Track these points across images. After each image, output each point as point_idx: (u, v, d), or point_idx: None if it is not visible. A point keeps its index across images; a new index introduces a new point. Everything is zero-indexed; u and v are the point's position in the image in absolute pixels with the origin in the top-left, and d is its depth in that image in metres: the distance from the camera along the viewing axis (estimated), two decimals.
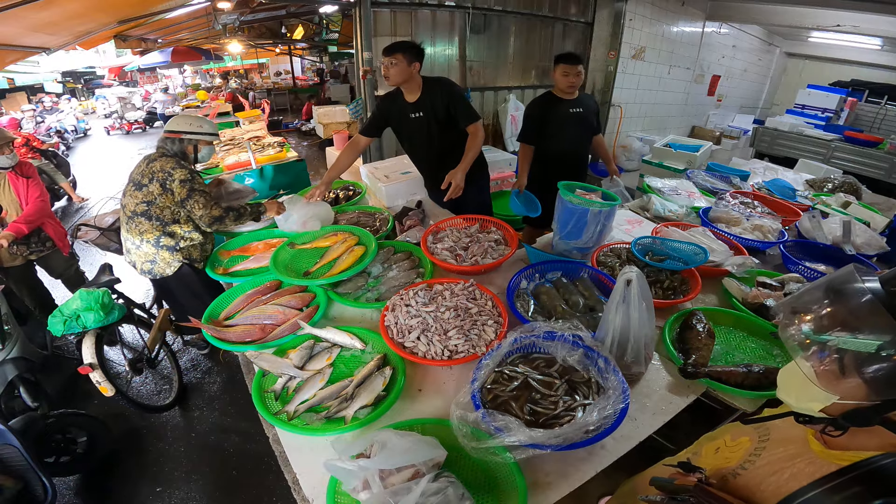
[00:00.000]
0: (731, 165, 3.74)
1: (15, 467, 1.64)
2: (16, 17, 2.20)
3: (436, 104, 2.30)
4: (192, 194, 1.99)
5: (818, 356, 0.59)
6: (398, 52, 2.16)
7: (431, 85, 2.32)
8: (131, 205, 2.05)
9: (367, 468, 0.91)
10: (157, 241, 2.09)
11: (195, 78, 14.99)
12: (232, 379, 2.72)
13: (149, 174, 2.01)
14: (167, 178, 1.99)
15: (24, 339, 2.24)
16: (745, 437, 0.78)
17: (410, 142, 2.52)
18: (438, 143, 2.40)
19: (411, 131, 2.43)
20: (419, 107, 2.33)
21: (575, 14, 5.54)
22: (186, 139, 2.12)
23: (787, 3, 5.47)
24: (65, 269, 2.84)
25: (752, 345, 1.51)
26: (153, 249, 2.11)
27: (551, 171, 2.60)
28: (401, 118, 2.39)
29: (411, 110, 2.34)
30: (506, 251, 1.89)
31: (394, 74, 2.21)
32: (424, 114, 2.33)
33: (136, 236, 2.09)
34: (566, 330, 1.23)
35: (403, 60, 2.17)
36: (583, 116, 2.68)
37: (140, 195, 2.02)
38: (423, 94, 2.31)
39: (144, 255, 2.12)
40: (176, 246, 2.11)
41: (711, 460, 0.82)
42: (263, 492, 2.05)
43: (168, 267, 2.14)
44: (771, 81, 10.07)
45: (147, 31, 5.16)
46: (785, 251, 1.98)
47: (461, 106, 2.30)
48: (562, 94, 2.62)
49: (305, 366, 1.38)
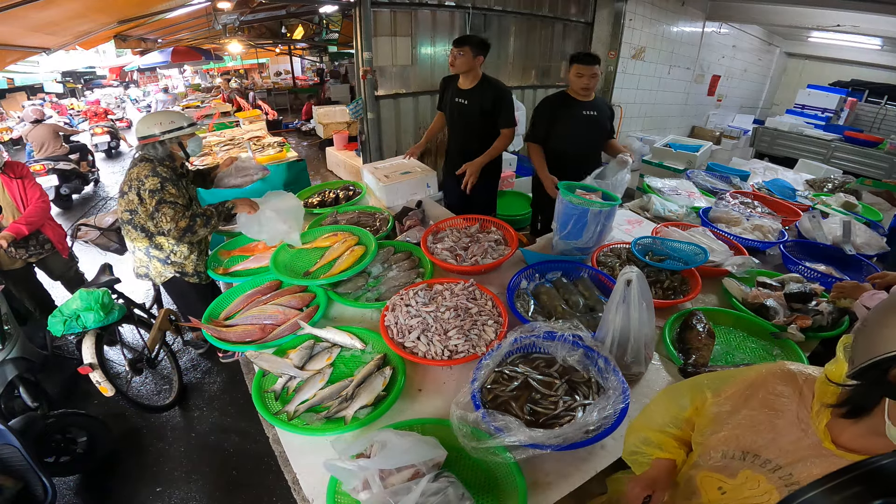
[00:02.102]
0: (731, 165, 3.75)
1: (15, 467, 1.64)
2: (16, 17, 2.19)
3: (484, 98, 2.55)
4: (160, 206, 1.86)
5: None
6: (465, 44, 2.43)
7: (488, 82, 2.58)
8: (119, 212, 2.02)
9: (367, 468, 0.91)
10: (147, 251, 2.08)
11: (195, 78, 14.98)
12: (232, 379, 2.71)
13: (128, 181, 1.92)
14: (140, 186, 1.88)
15: (24, 339, 2.23)
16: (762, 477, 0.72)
17: (450, 122, 2.80)
18: (470, 132, 2.66)
19: (452, 113, 2.72)
20: (468, 95, 2.58)
21: (575, 14, 5.54)
22: (168, 140, 1.97)
23: (787, 3, 5.47)
24: (64, 272, 2.83)
25: (752, 345, 1.51)
26: (145, 258, 2.11)
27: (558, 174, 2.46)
28: (449, 99, 2.70)
29: (459, 95, 2.60)
30: (506, 251, 1.89)
31: (459, 64, 2.48)
32: (469, 103, 2.59)
33: (130, 243, 2.09)
34: (566, 330, 1.23)
35: (470, 52, 2.43)
36: (596, 120, 2.54)
37: (123, 203, 1.96)
38: (476, 87, 2.55)
39: (139, 261, 2.13)
40: (167, 259, 2.10)
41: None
42: (263, 492, 2.05)
43: (160, 277, 2.15)
44: (771, 81, 10.07)
45: (147, 31, 5.15)
46: (785, 251, 1.98)
47: (505, 109, 2.57)
48: (576, 95, 2.51)
49: (305, 366, 1.38)
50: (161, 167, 1.92)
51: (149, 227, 1.98)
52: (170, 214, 1.85)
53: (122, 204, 1.97)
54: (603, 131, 2.60)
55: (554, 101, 2.55)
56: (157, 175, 1.87)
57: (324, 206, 2.55)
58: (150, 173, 1.87)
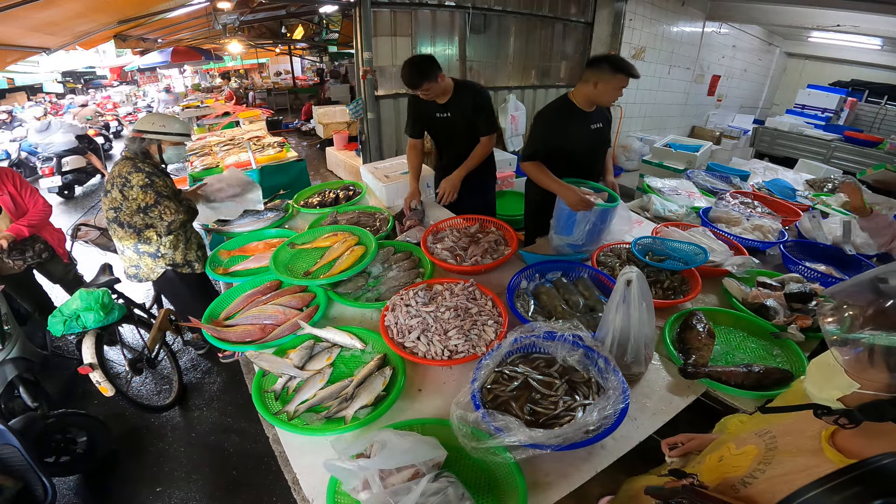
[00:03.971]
0: (731, 165, 3.74)
1: (15, 467, 1.64)
2: (16, 17, 2.20)
3: (464, 104, 2.35)
4: (161, 200, 1.91)
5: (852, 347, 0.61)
6: (424, 81, 2.15)
7: (461, 88, 2.35)
8: (104, 211, 2.02)
9: (367, 468, 0.91)
10: (136, 248, 2.08)
11: (195, 78, 14.98)
12: (232, 379, 2.71)
13: (110, 180, 1.94)
14: (124, 184, 1.90)
15: (24, 339, 2.23)
16: (750, 446, 0.78)
17: (438, 139, 2.62)
18: (461, 142, 2.48)
19: (437, 130, 2.54)
20: (447, 108, 2.38)
21: (575, 14, 5.54)
22: (148, 138, 2.02)
23: (787, 3, 5.47)
24: (64, 275, 2.83)
25: (752, 345, 1.51)
26: (135, 256, 2.11)
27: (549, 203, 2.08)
28: (430, 118, 2.47)
29: (439, 110, 2.40)
30: (506, 251, 1.89)
31: (433, 96, 2.26)
32: (452, 114, 2.39)
33: (118, 242, 2.09)
34: (566, 330, 1.23)
35: (434, 82, 2.18)
36: (602, 132, 2.23)
37: (108, 202, 1.97)
38: (452, 97, 2.34)
39: (129, 259, 2.13)
40: (157, 252, 2.11)
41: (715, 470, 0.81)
42: (263, 492, 2.05)
43: (151, 273, 2.15)
44: (771, 81, 10.07)
45: (147, 31, 5.16)
46: (785, 251, 1.98)
47: (484, 114, 2.36)
48: (584, 104, 2.07)
49: (305, 366, 1.38)
50: (142, 163, 1.97)
51: (135, 222, 1.99)
52: (173, 207, 1.92)
53: (107, 203, 1.99)
54: (606, 142, 2.36)
55: (558, 112, 2.11)
56: (140, 171, 1.92)
57: (324, 206, 2.55)
58: (133, 169, 1.91)
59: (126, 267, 2.15)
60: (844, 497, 0.56)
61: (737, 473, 0.75)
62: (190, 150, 4.44)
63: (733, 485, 0.74)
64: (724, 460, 0.81)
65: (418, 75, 2.14)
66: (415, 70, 2.14)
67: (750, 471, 0.73)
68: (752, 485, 0.71)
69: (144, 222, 2.01)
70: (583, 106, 2.07)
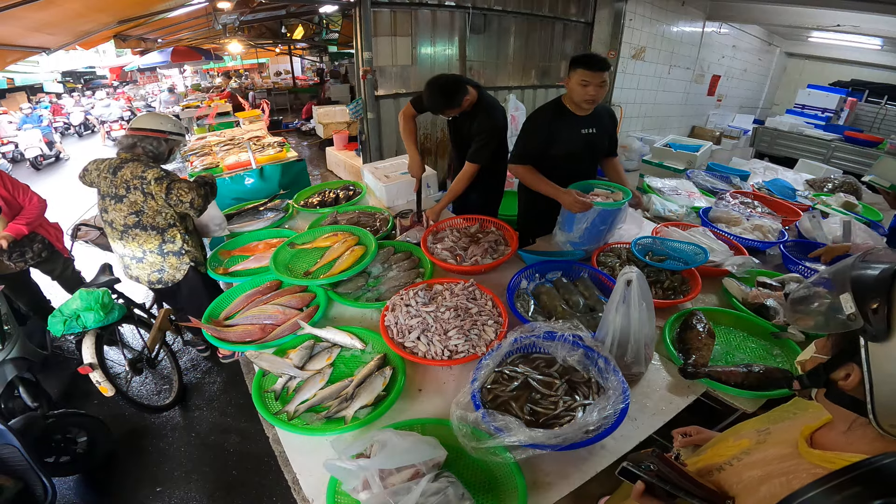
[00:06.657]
0: (731, 165, 3.75)
1: (15, 467, 1.64)
2: (16, 17, 2.20)
3: (470, 125, 2.27)
4: (173, 185, 1.91)
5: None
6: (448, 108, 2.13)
7: (480, 110, 2.24)
8: (119, 219, 1.98)
9: (367, 468, 0.91)
10: (160, 249, 2.05)
11: (195, 77, 14.99)
12: (232, 379, 2.71)
13: (122, 185, 1.91)
14: (143, 183, 1.89)
15: (23, 339, 2.23)
16: (745, 440, 0.78)
17: (450, 134, 2.60)
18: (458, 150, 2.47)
19: (450, 127, 2.54)
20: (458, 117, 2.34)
21: (575, 14, 5.54)
22: (171, 140, 2.06)
23: (787, 3, 5.46)
24: (63, 271, 2.83)
25: (752, 345, 1.51)
26: (159, 258, 2.07)
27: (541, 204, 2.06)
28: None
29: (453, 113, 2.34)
30: (506, 251, 1.89)
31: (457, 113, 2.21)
32: (457, 126, 2.41)
33: (137, 249, 2.04)
34: (566, 330, 1.23)
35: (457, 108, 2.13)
36: (595, 139, 2.08)
37: (125, 208, 1.94)
38: (469, 111, 2.24)
39: (150, 265, 2.08)
40: (181, 250, 2.09)
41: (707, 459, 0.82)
42: (263, 492, 2.05)
43: (177, 272, 2.12)
44: (771, 81, 10.07)
45: (147, 31, 5.15)
46: (785, 251, 1.98)
47: (476, 139, 2.22)
48: (575, 107, 1.99)
49: (305, 366, 1.38)
50: (151, 161, 2.01)
51: (158, 223, 1.99)
52: (185, 187, 1.93)
53: (124, 209, 1.94)
54: (601, 150, 2.18)
55: (548, 115, 2.04)
56: (151, 167, 1.95)
57: (324, 206, 2.55)
58: (146, 167, 1.93)
59: (148, 274, 2.10)
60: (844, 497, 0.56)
61: (718, 461, 0.76)
62: (190, 150, 4.45)
63: (710, 470, 0.75)
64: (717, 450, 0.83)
65: (443, 104, 2.09)
66: (438, 96, 2.06)
67: (729, 459, 0.75)
68: (724, 471, 0.73)
69: (167, 222, 2.00)
70: (574, 109, 2.00)
